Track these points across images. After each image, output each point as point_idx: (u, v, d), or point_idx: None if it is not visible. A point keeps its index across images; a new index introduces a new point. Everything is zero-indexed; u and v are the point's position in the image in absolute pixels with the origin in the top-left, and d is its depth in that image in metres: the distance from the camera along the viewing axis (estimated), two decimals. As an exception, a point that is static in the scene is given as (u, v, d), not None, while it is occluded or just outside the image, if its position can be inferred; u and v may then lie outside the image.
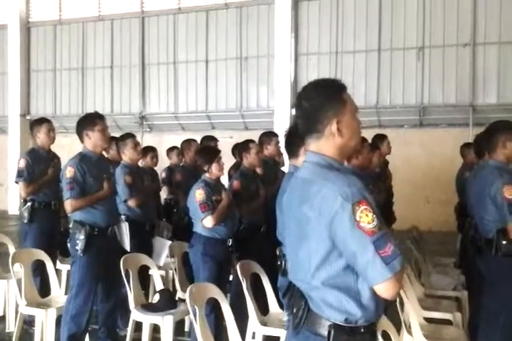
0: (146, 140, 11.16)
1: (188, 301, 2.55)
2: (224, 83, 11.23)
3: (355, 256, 1.36)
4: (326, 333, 1.41)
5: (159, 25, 11.65)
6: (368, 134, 5.83)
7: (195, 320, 2.53)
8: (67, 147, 8.48)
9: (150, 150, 5.48)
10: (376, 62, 10.07)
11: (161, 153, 6.00)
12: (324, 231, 1.39)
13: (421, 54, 9.74)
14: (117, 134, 8.48)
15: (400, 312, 2.96)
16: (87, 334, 3.57)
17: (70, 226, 3.31)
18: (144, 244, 4.07)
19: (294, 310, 1.50)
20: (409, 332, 2.91)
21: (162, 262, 4.24)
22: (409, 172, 9.74)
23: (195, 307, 2.60)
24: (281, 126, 10.30)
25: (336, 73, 10.34)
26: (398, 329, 2.92)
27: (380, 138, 5.35)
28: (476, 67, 9.49)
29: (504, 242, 2.64)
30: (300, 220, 1.47)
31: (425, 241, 5.35)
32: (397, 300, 2.98)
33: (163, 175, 5.77)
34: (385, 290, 1.35)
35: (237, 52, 11.03)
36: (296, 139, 2.69)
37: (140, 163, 5.35)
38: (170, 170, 5.71)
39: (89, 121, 3.37)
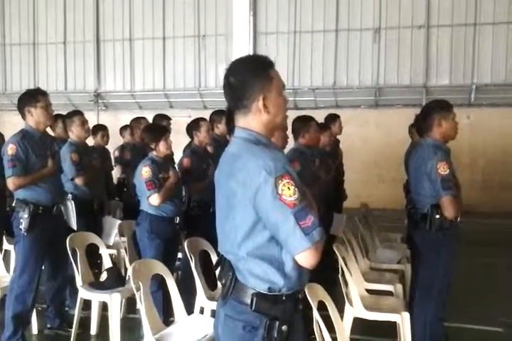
0: (101, 118, 10.92)
1: (131, 278, 2.57)
2: (182, 61, 11.07)
3: (277, 227, 1.40)
4: (249, 301, 1.46)
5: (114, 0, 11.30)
6: (324, 114, 5.95)
7: (139, 296, 2.55)
8: (20, 125, 8.23)
9: (100, 129, 5.40)
10: (334, 42, 10.15)
11: (117, 132, 5.91)
12: (249, 204, 1.43)
13: (377, 35, 9.87)
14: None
15: (342, 285, 3.08)
16: (35, 314, 3.56)
17: (13, 204, 3.23)
18: (92, 222, 4.04)
19: (223, 281, 1.54)
20: (351, 303, 3.03)
21: (112, 241, 4.21)
22: (365, 152, 9.97)
23: (140, 283, 2.62)
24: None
25: (294, 53, 10.38)
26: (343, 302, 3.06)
27: (332, 118, 5.44)
28: (430, 49, 9.71)
29: (437, 217, 2.76)
30: (227, 194, 1.50)
31: (378, 217, 5.53)
32: (340, 272, 3.10)
33: (116, 153, 5.70)
34: (304, 259, 1.40)
35: (195, 30, 10.86)
36: None
37: (91, 142, 5.28)
38: (123, 148, 5.64)
39: (31, 98, 3.27)
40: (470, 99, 9.55)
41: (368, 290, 3.47)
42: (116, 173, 5.67)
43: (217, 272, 1.62)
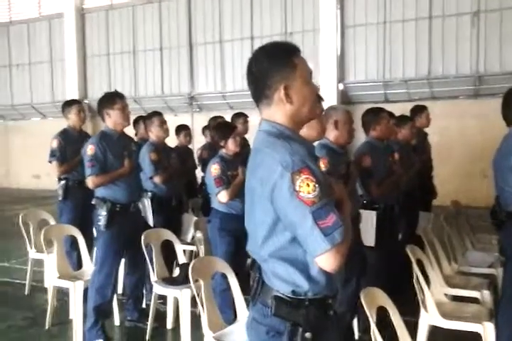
0: (196, 120, 11.33)
1: (190, 275, 2.58)
2: (270, 60, 11.09)
3: (295, 226, 1.30)
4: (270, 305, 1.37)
5: (205, 4, 11.64)
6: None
7: (199, 293, 2.56)
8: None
9: (183, 129, 5.56)
10: (427, 30, 9.54)
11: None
12: (267, 202, 1.33)
13: (476, 19, 9.10)
14: (168, 115, 8.65)
15: (417, 290, 2.85)
16: (117, 306, 3.75)
17: (92, 202, 3.42)
18: (170, 220, 4.16)
19: (251, 282, 1.47)
20: (426, 310, 2.80)
21: (189, 238, 4.31)
22: (465, 145, 9.29)
23: (201, 280, 2.63)
24: (329, 101, 10.08)
25: (384, 44, 9.95)
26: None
27: (418, 109, 5.11)
28: (539, 30, 8.75)
29: (524, 215, 2.45)
30: (249, 191, 1.43)
31: (479, 217, 5.06)
32: (414, 277, 2.88)
33: (199, 152, 5.85)
34: (325, 262, 1.28)
35: (282, 27, 10.84)
36: None
37: (176, 141, 5.47)
38: (205, 148, 5.76)
39: (109, 100, 3.43)
40: None
41: (451, 297, 3.20)
42: (200, 172, 5.82)
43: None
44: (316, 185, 1.27)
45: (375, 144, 3.49)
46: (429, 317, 2.74)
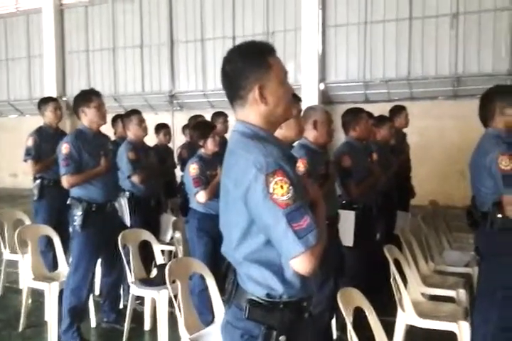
0: (176, 118, 11.25)
1: (167, 276, 2.55)
2: (251, 59, 11.06)
3: (269, 229, 1.28)
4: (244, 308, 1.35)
5: (186, 1, 11.55)
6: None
7: (176, 294, 2.53)
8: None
9: (163, 127, 5.51)
10: (407, 31, 9.62)
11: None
12: (241, 204, 1.31)
13: (455, 21, 9.22)
14: (149, 113, 8.42)
15: (394, 290, 2.87)
16: (93, 308, 3.70)
17: (68, 202, 3.35)
18: (149, 220, 4.12)
19: (226, 285, 1.45)
20: (403, 309, 2.81)
21: (168, 238, 4.27)
22: (443, 146, 9.41)
23: (178, 281, 2.60)
24: (310, 100, 10.10)
25: (365, 44, 10.01)
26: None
27: (396, 110, 5.15)
28: (516, 32, 8.90)
29: (499, 216, 2.47)
30: (223, 192, 1.40)
31: (456, 217, 5.10)
32: (392, 277, 2.89)
33: (178, 152, 5.79)
34: (299, 264, 1.26)
35: (264, 27, 10.82)
36: None
37: (155, 140, 5.41)
38: (184, 147, 5.71)
39: (85, 98, 3.37)
40: None
41: (428, 296, 3.22)
42: (179, 171, 5.77)
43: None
44: (290, 187, 1.26)
45: (354, 144, 3.50)
46: (406, 317, 2.76)
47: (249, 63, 1.37)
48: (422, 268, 3.54)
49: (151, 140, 5.25)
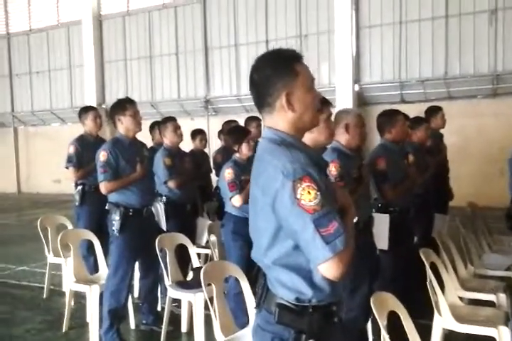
0: (212, 123, 11.39)
1: (202, 279, 2.60)
2: (285, 62, 11.09)
3: (297, 234, 1.30)
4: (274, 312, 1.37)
5: (220, 8, 11.71)
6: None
7: (214, 297, 2.58)
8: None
9: (199, 133, 5.60)
10: (444, 29, 9.45)
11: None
12: (269, 210, 1.34)
13: (493, 17, 8.98)
14: (185, 119, 8.48)
15: (430, 294, 2.82)
16: (132, 310, 3.80)
17: (106, 207, 3.46)
18: (185, 224, 4.19)
19: (256, 289, 1.48)
20: (440, 313, 2.77)
21: (204, 241, 4.34)
22: (483, 145, 9.16)
23: (213, 284, 2.64)
24: (344, 102, 10.05)
25: (400, 44, 9.89)
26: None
27: (433, 110, 5.05)
28: (558, 27, 8.59)
29: (538, 218, 2.41)
30: (252, 199, 1.44)
31: (499, 218, 4.96)
32: (428, 280, 2.85)
33: (214, 156, 5.86)
34: (326, 270, 1.27)
35: (297, 30, 10.84)
36: None
37: (191, 146, 5.51)
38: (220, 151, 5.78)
39: (120, 107, 3.48)
40: None
41: (467, 300, 3.16)
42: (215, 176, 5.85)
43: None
44: (318, 193, 1.27)
45: (390, 147, 3.46)
46: (443, 321, 2.72)
47: (276, 70, 1.39)
48: (460, 271, 3.47)
49: (188, 145, 5.37)
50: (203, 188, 5.12)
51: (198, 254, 4.60)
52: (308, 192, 1.27)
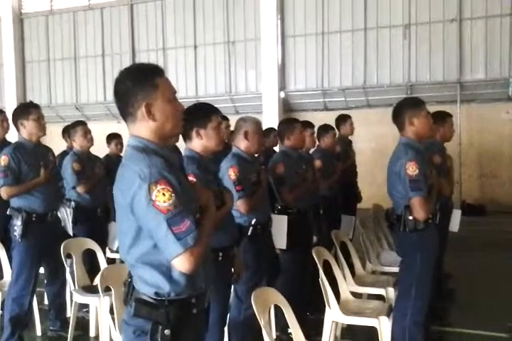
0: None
1: (99, 283, 2.63)
2: (213, 68, 11.23)
3: (152, 233, 1.42)
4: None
5: (147, 11, 11.65)
6: (355, 114, 5.83)
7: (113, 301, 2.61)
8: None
9: (114, 137, 5.57)
10: (363, 41, 9.96)
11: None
12: (129, 212, 1.45)
13: (407, 31, 9.59)
14: (111, 122, 8.20)
15: (322, 289, 3.01)
16: (38, 316, 3.73)
17: (7, 213, 3.40)
18: (95, 229, 4.16)
19: (123, 287, 1.57)
20: (329, 307, 2.96)
21: (115, 246, 4.33)
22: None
23: (112, 288, 2.68)
24: (270, 108, 10.32)
25: (322, 54, 10.29)
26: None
27: (341, 118, 5.36)
28: (463, 42, 9.32)
29: (410, 218, 2.66)
30: (116, 202, 1.53)
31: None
32: (320, 277, 3.04)
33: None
34: (179, 264, 1.40)
35: (225, 36, 10.99)
36: (187, 122, 2.59)
37: (107, 150, 5.47)
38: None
39: (24, 111, 3.43)
40: (508, 93, 9.06)
41: (367, 295, 3.41)
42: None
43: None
44: (173, 195, 1.40)
45: (289, 153, 3.66)
46: (332, 314, 2.91)
47: (137, 83, 1.51)
48: (357, 268, 3.72)
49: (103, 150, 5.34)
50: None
51: (113, 259, 4.59)
52: (163, 194, 1.39)
